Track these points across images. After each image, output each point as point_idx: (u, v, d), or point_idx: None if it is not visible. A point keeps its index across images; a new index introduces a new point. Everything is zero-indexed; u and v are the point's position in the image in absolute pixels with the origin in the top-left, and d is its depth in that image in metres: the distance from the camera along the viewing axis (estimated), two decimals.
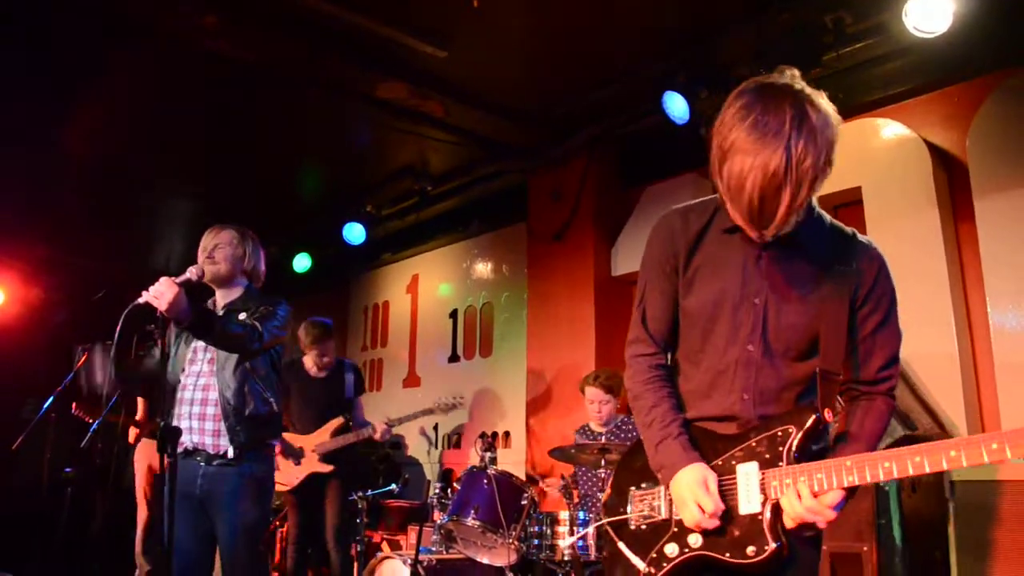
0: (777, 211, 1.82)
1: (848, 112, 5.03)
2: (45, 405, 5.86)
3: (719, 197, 2.04)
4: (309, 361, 6.13)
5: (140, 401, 6.33)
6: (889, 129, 4.87)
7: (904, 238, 4.66)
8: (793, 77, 1.94)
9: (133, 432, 6.04)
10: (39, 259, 9.17)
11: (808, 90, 1.90)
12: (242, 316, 3.67)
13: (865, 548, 3.58)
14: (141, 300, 3.35)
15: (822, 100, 1.90)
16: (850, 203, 5.05)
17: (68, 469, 5.98)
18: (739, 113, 1.85)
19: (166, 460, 2.96)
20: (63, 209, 7.93)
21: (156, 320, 3.42)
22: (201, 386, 3.66)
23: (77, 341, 6.28)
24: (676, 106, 5.03)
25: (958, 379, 4.36)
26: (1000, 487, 3.42)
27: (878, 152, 4.89)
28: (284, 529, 6.14)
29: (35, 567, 6.19)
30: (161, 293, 3.34)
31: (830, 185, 5.25)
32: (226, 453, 3.58)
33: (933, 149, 4.71)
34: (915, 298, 4.55)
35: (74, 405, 5.88)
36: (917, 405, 4.26)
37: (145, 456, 6.24)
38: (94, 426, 5.50)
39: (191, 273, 3.55)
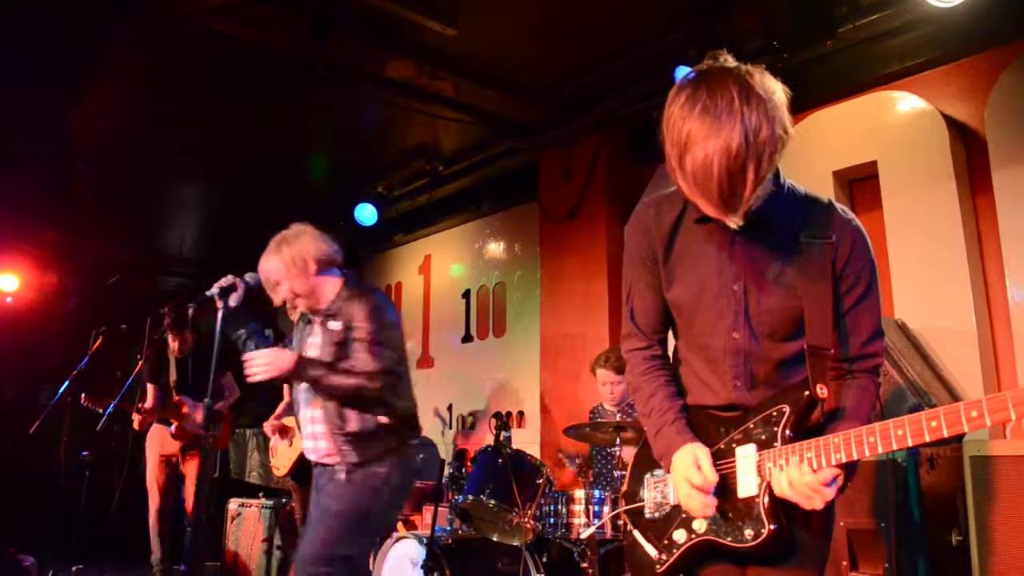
0: (745, 189, 1.79)
1: (864, 85, 5.01)
2: (60, 390, 5.89)
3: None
4: None
5: (150, 388, 6.35)
6: (905, 102, 4.80)
7: (921, 212, 4.61)
8: (727, 60, 1.92)
9: (137, 419, 6.07)
10: (53, 245, 9.23)
11: (746, 67, 1.88)
12: None
13: (883, 524, 3.56)
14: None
15: (762, 73, 1.88)
16: (866, 177, 5.01)
17: (85, 453, 6.00)
18: (686, 105, 1.83)
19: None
20: (76, 195, 7.95)
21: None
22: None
23: (92, 326, 6.29)
24: None
25: (976, 353, 4.32)
26: (1020, 463, 3.39)
27: (894, 125, 4.83)
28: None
29: (54, 550, 6.25)
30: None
31: (846, 159, 5.25)
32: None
33: (950, 122, 4.64)
34: (932, 273, 4.51)
35: (83, 396, 5.92)
36: (935, 380, 4.23)
37: (157, 442, 6.27)
38: (108, 410, 5.53)
39: (251, 278, 3.62)
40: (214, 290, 3.51)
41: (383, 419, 3.46)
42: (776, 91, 1.85)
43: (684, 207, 2.14)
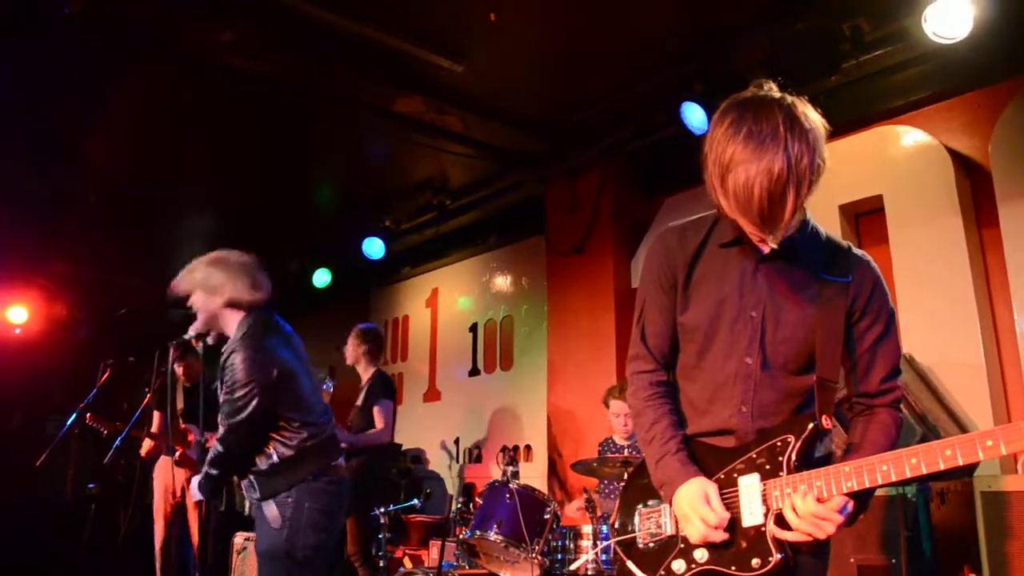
0: (784, 212, 1.86)
1: (868, 119, 5.04)
2: (68, 421, 5.90)
3: (719, 212, 2.07)
4: None
5: (156, 415, 6.35)
6: (910, 136, 4.83)
7: (927, 245, 4.62)
8: (772, 89, 1.98)
9: (148, 445, 6.06)
10: (62, 276, 9.26)
11: (791, 97, 1.95)
12: None
13: (894, 560, 3.53)
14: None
15: (805, 104, 1.95)
16: (872, 211, 5.02)
17: (91, 485, 5.99)
18: (731, 128, 1.90)
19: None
20: (85, 226, 8.01)
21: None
22: None
23: (101, 357, 6.32)
24: (694, 116, 5.02)
25: (985, 387, 4.30)
26: None
27: (899, 159, 4.85)
28: None
29: None
30: None
31: (852, 193, 5.27)
32: None
33: (955, 156, 4.66)
34: (939, 306, 4.51)
35: (88, 416, 5.92)
36: (943, 414, 4.21)
37: (163, 473, 6.25)
38: (116, 442, 5.52)
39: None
40: (191, 332, 3.66)
41: (275, 457, 3.50)
42: (818, 123, 1.92)
43: (709, 232, 2.18)
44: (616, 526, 2.28)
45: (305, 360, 3.75)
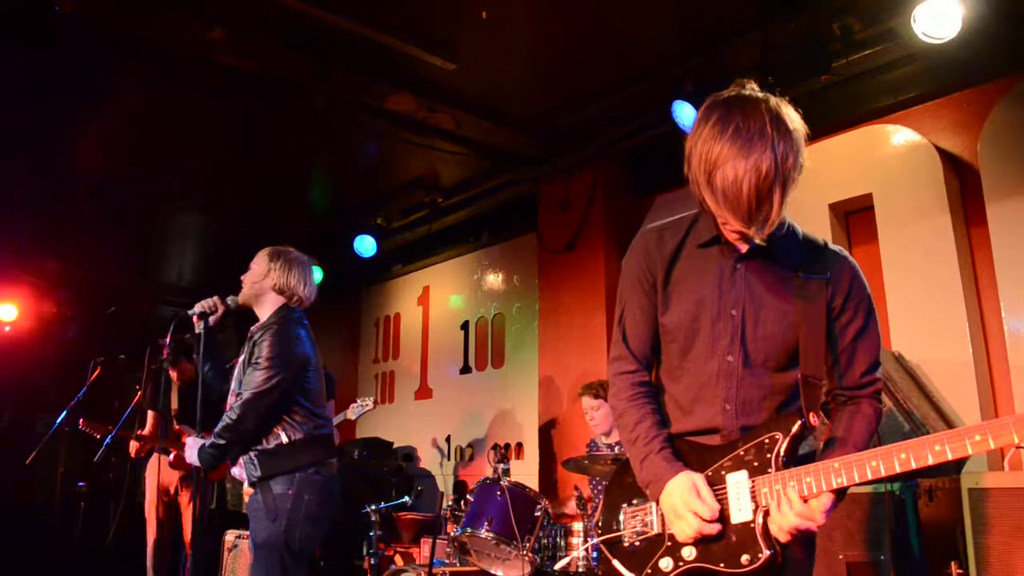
0: (772, 209, 1.90)
1: (858, 119, 5.06)
2: (58, 420, 5.88)
3: (701, 210, 2.11)
4: None
5: (150, 415, 6.33)
6: (899, 135, 4.86)
7: (916, 244, 4.65)
8: (753, 88, 2.01)
9: (134, 446, 6.04)
10: (51, 274, 9.23)
11: (775, 97, 1.99)
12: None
13: (882, 557, 3.55)
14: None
15: (787, 105, 1.99)
16: (862, 209, 5.04)
17: (81, 484, 5.97)
18: (717, 126, 1.93)
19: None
20: (75, 224, 7.98)
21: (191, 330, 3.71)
22: None
23: (90, 355, 6.30)
24: (685, 115, 5.03)
25: (973, 385, 4.34)
26: (1018, 495, 3.39)
27: (889, 158, 4.88)
28: None
29: None
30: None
31: (841, 191, 5.29)
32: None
33: (944, 155, 4.69)
34: (928, 304, 4.53)
35: (81, 421, 5.90)
36: (932, 411, 4.23)
37: (155, 473, 6.23)
38: (107, 440, 5.51)
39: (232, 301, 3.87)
40: (196, 309, 3.73)
41: (283, 438, 3.63)
42: (799, 123, 1.96)
43: (687, 232, 2.20)
44: (600, 525, 2.27)
45: (318, 358, 3.90)
